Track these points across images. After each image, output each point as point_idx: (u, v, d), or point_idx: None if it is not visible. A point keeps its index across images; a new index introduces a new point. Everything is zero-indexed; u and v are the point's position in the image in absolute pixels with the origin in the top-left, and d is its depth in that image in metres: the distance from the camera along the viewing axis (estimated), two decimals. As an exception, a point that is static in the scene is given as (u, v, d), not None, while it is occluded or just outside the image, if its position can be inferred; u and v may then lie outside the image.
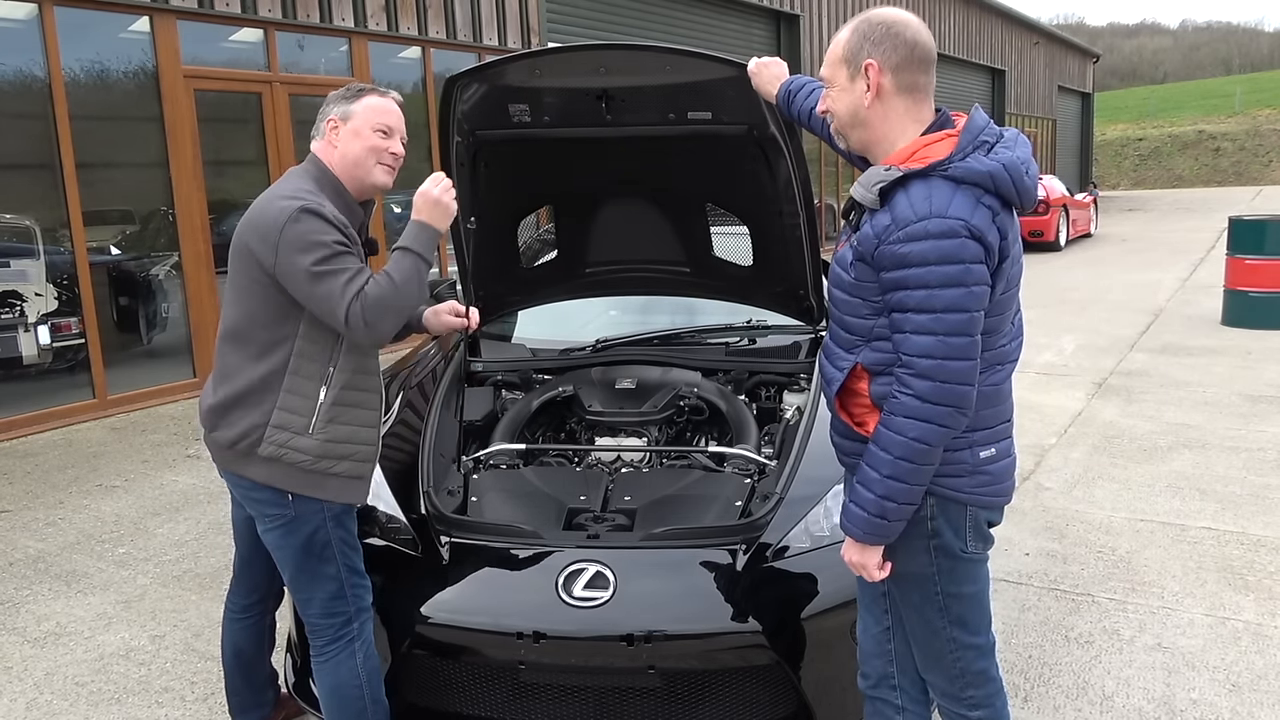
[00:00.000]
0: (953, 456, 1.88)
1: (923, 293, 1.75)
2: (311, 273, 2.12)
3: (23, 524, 4.84)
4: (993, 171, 1.76)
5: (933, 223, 1.73)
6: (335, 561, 2.33)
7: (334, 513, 2.31)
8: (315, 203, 2.16)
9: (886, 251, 1.78)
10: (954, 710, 2.05)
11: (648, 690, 2.38)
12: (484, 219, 3.36)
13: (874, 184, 1.81)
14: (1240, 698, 2.95)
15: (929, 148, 1.81)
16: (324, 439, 2.24)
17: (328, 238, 2.13)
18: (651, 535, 2.50)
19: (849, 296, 1.91)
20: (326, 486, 2.27)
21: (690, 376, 3.36)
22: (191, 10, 7.58)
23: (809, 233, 3.15)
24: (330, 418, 2.25)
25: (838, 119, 1.93)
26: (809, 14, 16.69)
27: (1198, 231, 18.86)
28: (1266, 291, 8.80)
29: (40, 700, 3.19)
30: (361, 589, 2.39)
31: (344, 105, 2.32)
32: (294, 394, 2.23)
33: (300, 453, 2.23)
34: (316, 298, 2.13)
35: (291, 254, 2.12)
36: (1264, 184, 35.59)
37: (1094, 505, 4.58)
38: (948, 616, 1.97)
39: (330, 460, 2.26)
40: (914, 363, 1.78)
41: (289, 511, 2.28)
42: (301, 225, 2.12)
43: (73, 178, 6.80)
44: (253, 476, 2.26)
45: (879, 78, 1.83)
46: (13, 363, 6.74)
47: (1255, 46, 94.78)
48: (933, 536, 1.92)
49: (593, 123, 3.00)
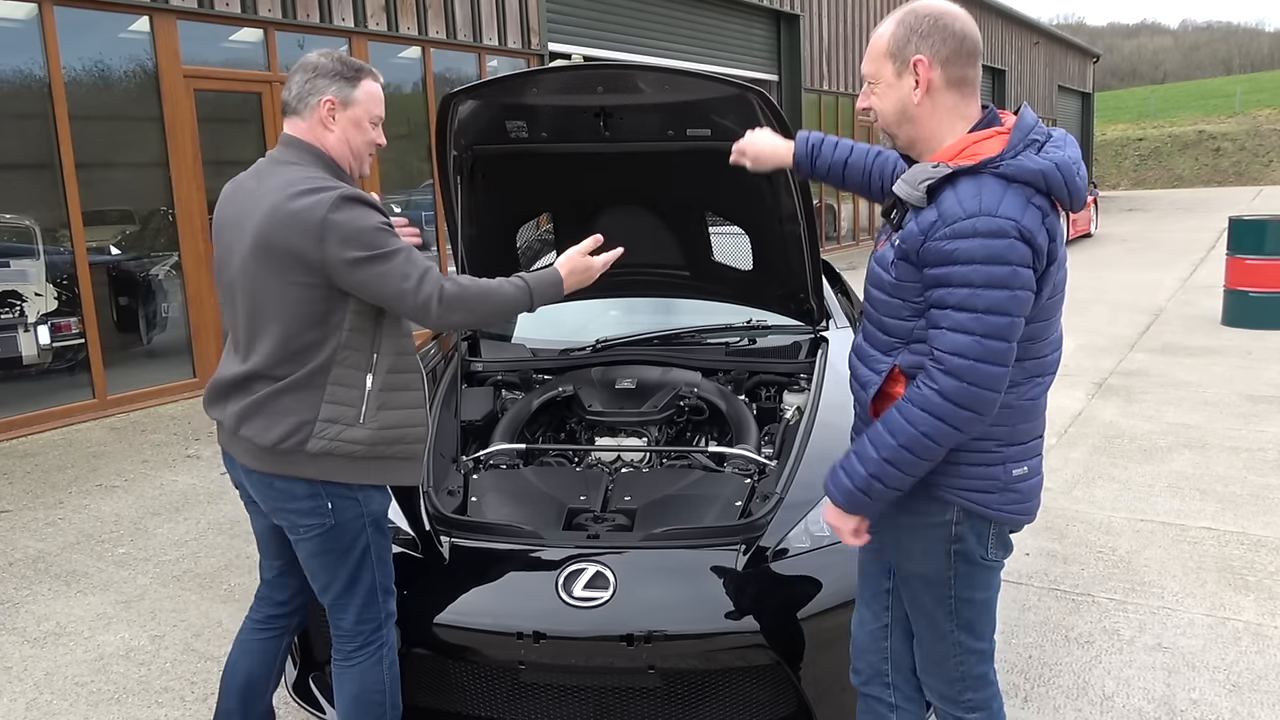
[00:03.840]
0: (985, 472, 1.85)
1: (965, 291, 1.70)
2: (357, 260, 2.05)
3: (23, 524, 4.84)
4: (1045, 170, 1.71)
5: (981, 221, 1.68)
6: (372, 569, 2.28)
7: (374, 518, 2.26)
8: (350, 189, 2.11)
9: (932, 248, 1.73)
10: (951, 713, 2.05)
11: (648, 690, 2.38)
12: (482, 226, 3.37)
13: (921, 181, 1.76)
14: (1240, 698, 2.95)
15: (978, 145, 1.77)
16: (376, 426, 2.18)
17: (376, 219, 2.08)
18: (651, 535, 2.50)
19: (888, 297, 1.87)
20: (383, 471, 2.23)
21: (690, 376, 3.36)
22: (191, 10, 7.58)
23: (809, 237, 3.15)
24: (380, 404, 2.19)
25: (883, 116, 1.86)
26: (809, 14, 16.69)
27: (1198, 231, 18.85)
28: (1266, 291, 8.80)
29: (40, 700, 3.19)
30: (391, 595, 2.36)
31: (344, 87, 2.20)
32: (341, 385, 2.16)
33: (354, 443, 2.17)
34: (376, 280, 2.06)
35: (337, 245, 2.04)
36: (1264, 184, 35.58)
37: (1094, 505, 4.58)
38: (957, 620, 1.96)
39: (384, 445, 2.21)
40: (946, 359, 1.73)
41: (328, 520, 2.20)
42: (343, 214, 2.05)
43: (73, 178, 6.80)
44: (301, 475, 2.17)
45: (928, 73, 1.78)
46: (13, 363, 6.74)
47: (1255, 46, 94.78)
48: (955, 541, 1.89)
49: (590, 139, 3.00)
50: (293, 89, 2.19)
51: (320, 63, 2.19)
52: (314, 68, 2.19)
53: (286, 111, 2.22)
